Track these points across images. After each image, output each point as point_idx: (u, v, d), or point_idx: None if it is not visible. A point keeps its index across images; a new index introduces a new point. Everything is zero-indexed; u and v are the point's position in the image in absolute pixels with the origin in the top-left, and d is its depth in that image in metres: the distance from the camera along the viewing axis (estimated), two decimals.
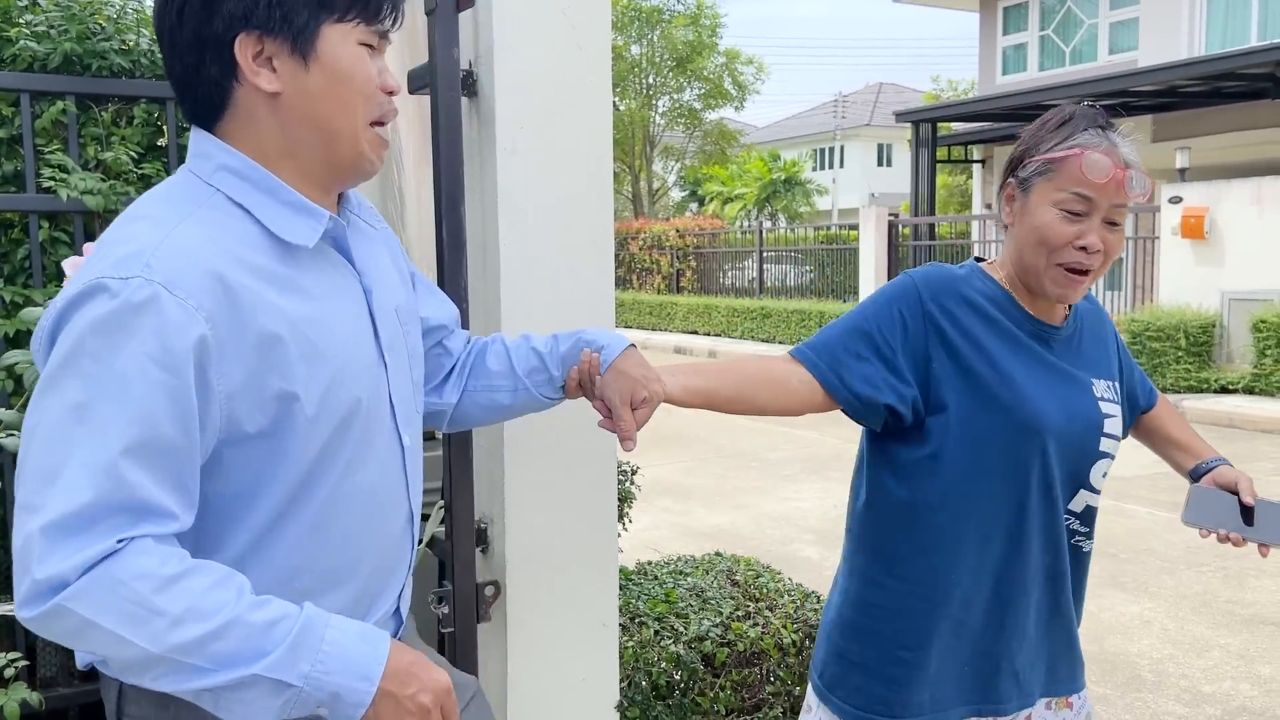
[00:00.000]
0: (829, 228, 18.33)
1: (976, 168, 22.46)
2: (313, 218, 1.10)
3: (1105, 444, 1.56)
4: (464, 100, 1.72)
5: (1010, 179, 1.56)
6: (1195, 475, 1.67)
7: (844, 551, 1.67)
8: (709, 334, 17.07)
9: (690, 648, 1.98)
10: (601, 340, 1.38)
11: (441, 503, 1.82)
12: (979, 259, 1.64)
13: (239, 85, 1.08)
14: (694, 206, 42.74)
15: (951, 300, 1.53)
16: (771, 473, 7.18)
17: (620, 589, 2.24)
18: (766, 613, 2.14)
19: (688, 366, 1.52)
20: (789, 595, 2.30)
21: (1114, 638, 4.04)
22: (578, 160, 1.80)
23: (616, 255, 20.82)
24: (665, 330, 18.28)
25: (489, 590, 1.78)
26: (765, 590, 2.30)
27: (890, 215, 14.77)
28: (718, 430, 8.83)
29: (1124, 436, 1.65)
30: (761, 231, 17.61)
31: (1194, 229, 10.34)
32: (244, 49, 1.07)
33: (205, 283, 1.00)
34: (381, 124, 1.14)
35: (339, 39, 1.10)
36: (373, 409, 1.14)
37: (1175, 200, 10.65)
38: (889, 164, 46.56)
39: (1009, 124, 18.77)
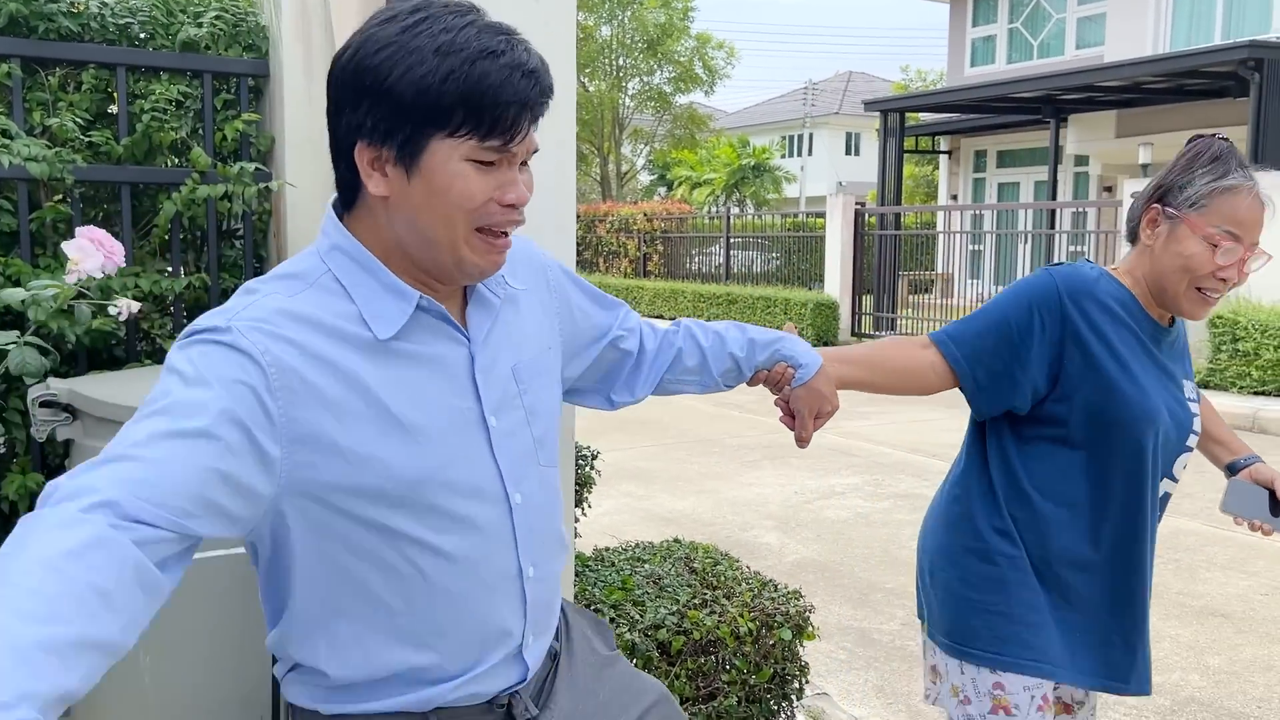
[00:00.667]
0: (796, 215, 18.35)
1: (943, 158, 22.61)
2: (403, 300, 1.16)
3: (1190, 439, 1.76)
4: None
5: (1155, 204, 1.71)
6: (1233, 470, 1.85)
7: (951, 516, 1.78)
8: (675, 318, 17.04)
9: (646, 636, 1.96)
10: (800, 359, 1.55)
11: None
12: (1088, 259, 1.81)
13: (362, 185, 1.16)
14: (662, 191, 42.69)
15: (1087, 300, 1.67)
16: (734, 459, 7.18)
17: (576, 576, 2.22)
18: (723, 601, 2.12)
19: (839, 357, 1.67)
20: (746, 584, 2.28)
21: None
22: (539, 140, 1.76)
23: (583, 238, 20.76)
24: None
25: None
26: (723, 578, 2.28)
27: (857, 204, 14.81)
28: (682, 416, 8.83)
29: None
30: (729, 217, 17.61)
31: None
32: (361, 155, 1.14)
33: (271, 341, 1.10)
34: (493, 233, 1.17)
35: (445, 154, 1.13)
36: (462, 476, 1.18)
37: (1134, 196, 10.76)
38: (857, 153, 46.74)
39: (976, 115, 18.89)
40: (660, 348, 1.53)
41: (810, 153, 46.09)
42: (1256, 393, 9.25)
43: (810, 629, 2.24)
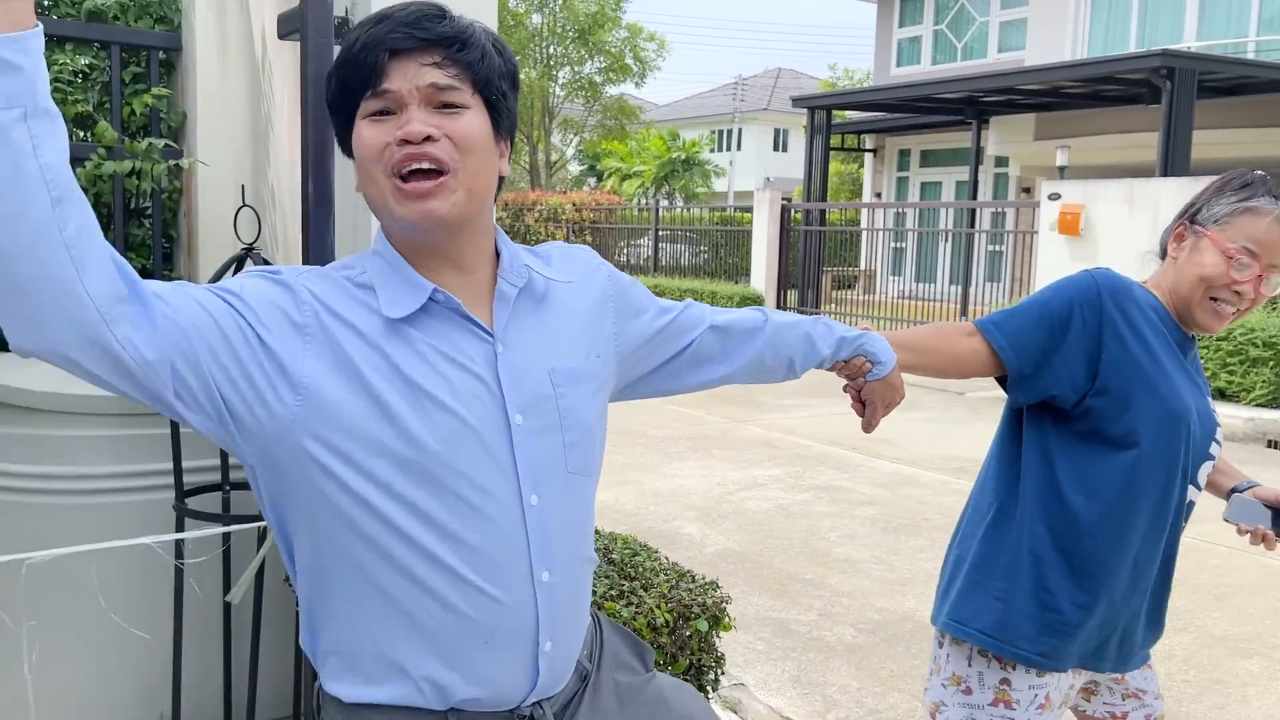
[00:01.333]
0: (725, 209, 18.47)
1: (868, 156, 22.93)
2: (418, 290, 1.19)
3: (1214, 447, 1.83)
4: (336, 49, 1.63)
5: (1184, 221, 1.81)
6: (1236, 490, 1.96)
7: (992, 517, 1.81)
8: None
9: None
10: (880, 356, 1.61)
11: None
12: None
13: None
14: (592, 181, 42.55)
15: (1125, 298, 1.75)
16: (658, 449, 7.20)
17: None
18: (641, 592, 2.11)
19: (898, 342, 1.72)
20: (664, 575, 2.28)
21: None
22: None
23: (512, 226, 20.59)
24: None
25: None
26: (640, 569, 2.27)
27: (783, 200, 14.94)
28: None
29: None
30: (658, 209, 17.64)
31: (1070, 225, 10.74)
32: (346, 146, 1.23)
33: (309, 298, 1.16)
34: (403, 177, 1.16)
35: (357, 123, 1.18)
36: (478, 458, 1.17)
37: (1054, 197, 11.04)
38: (785, 149, 47.15)
39: (902, 115, 19.19)
40: (751, 332, 1.54)
41: (739, 148, 46.37)
42: None
43: (727, 620, 2.25)
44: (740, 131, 46.54)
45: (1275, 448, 8.04)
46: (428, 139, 1.14)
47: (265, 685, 2.09)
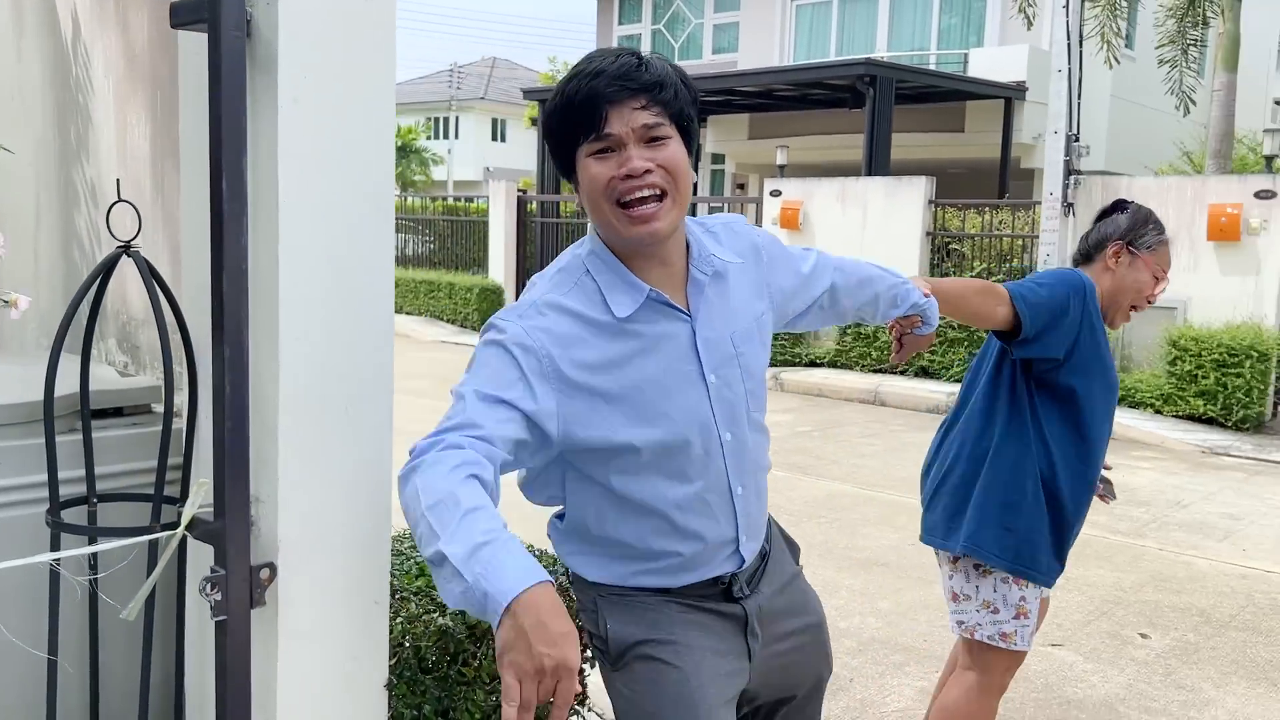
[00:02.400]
0: (445, 199, 18.22)
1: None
2: (635, 291, 1.51)
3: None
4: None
5: (1124, 245, 2.42)
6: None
7: (996, 472, 2.35)
8: None
9: (456, 620, 1.96)
10: (930, 318, 2.04)
11: (203, 481, 1.67)
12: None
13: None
14: None
15: (1093, 297, 2.32)
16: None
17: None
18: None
19: (945, 293, 2.14)
20: (540, 559, 2.32)
21: None
22: (360, 113, 1.71)
23: None
24: None
25: (264, 573, 1.66)
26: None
27: (519, 191, 15.04)
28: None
29: None
30: None
31: (790, 220, 11.57)
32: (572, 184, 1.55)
33: (548, 340, 1.49)
34: (625, 205, 1.46)
35: (581, 159, 1.48)
36: (687, 423, 1.55)
37: (775, 194, 11.84)
38: (503, 139, 47.18)
39: None
40: (856, 294, 1.90)
41: (457, 136, 45.91)
42: (875, 370, 10.54)
43: None
44: (458, 120, 46.06)
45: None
46: (646, 171, 1.44)
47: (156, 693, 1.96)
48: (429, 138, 45.07)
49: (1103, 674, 3.67)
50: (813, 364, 10.96)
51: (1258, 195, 8.68)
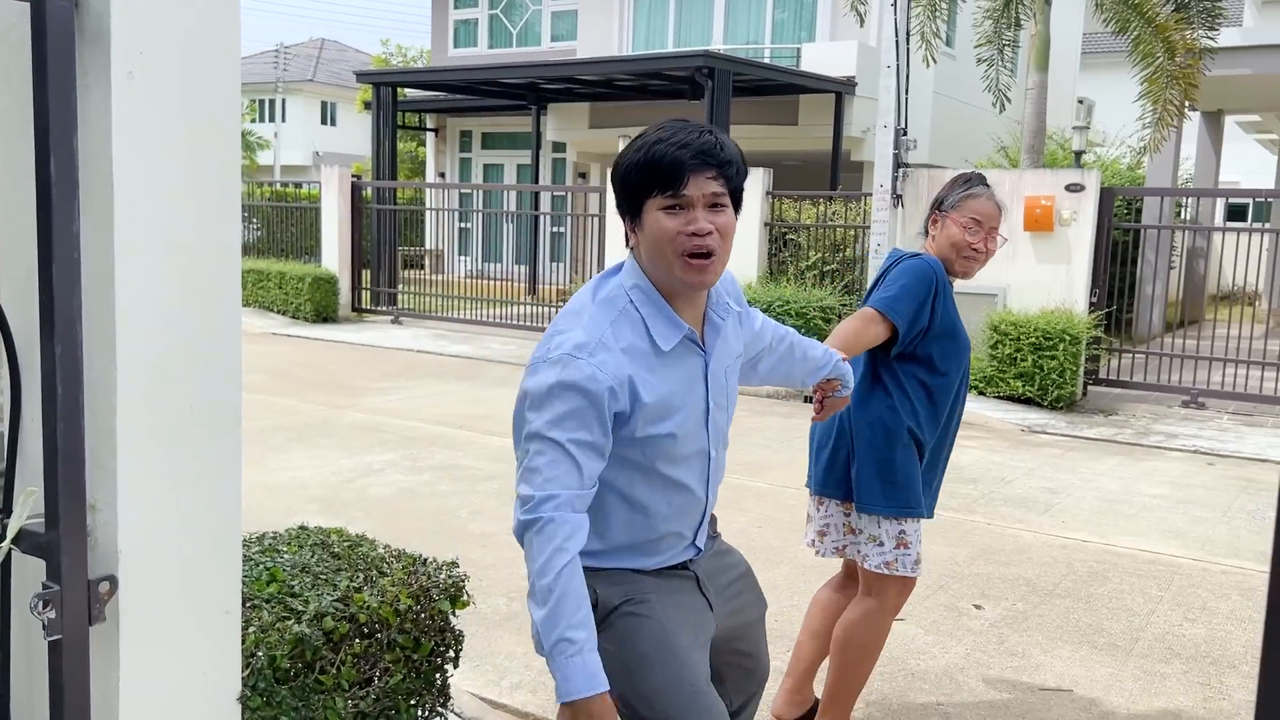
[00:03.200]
0: (275, 184, 17.48)
1: (430, 135, 22.99)
2: (677, 329, 1.85)
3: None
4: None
5: (936, 210, 2.87)
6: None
7: (874, 430, 2.78)
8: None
9: (312, 626, 1.86)
10: (848, 382, 2.40)
11: (31, 490, 1.53)
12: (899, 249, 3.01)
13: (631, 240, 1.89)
14: None
15: (942, 274, 2.79)
16: (258, 443, 6.80)
17: None
18: (381, 580, 2.07)
19: (841, 348, 2.59)
20: (398, 560, 2.25)
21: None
22: (203, 89, 1.59)
23: None
24: None
25: (103, 587, 1.53)
26: (368, 558, 2.22)
27: (354, 178, 14.56)
28: None
29: None
30: None
31: None
32: (625, 220, 1.86)
33: (616, 368, 1.80)
34: (690, 255, 1.79)
35: (652, 210, 1.79)
36: (693, 436, 1.91)
37: None
38: (333, 123, 45.68)
39: (464, 96, 19.47)
40: (792, 354, 2.29)
41: (285, 119, 44.15)
42: None
43: (465, 597, 2.28)
44: (285, 102, 44.29)
45: (810, 402, 9.38)
46: (709, 233, 1.78)
47: None
48: (254, 120, 43.17)
49: (942, 645, 3.85)
50: None
51: (1069, 188, 9.27)
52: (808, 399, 9.34)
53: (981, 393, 9.23)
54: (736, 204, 1.85)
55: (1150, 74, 10.85)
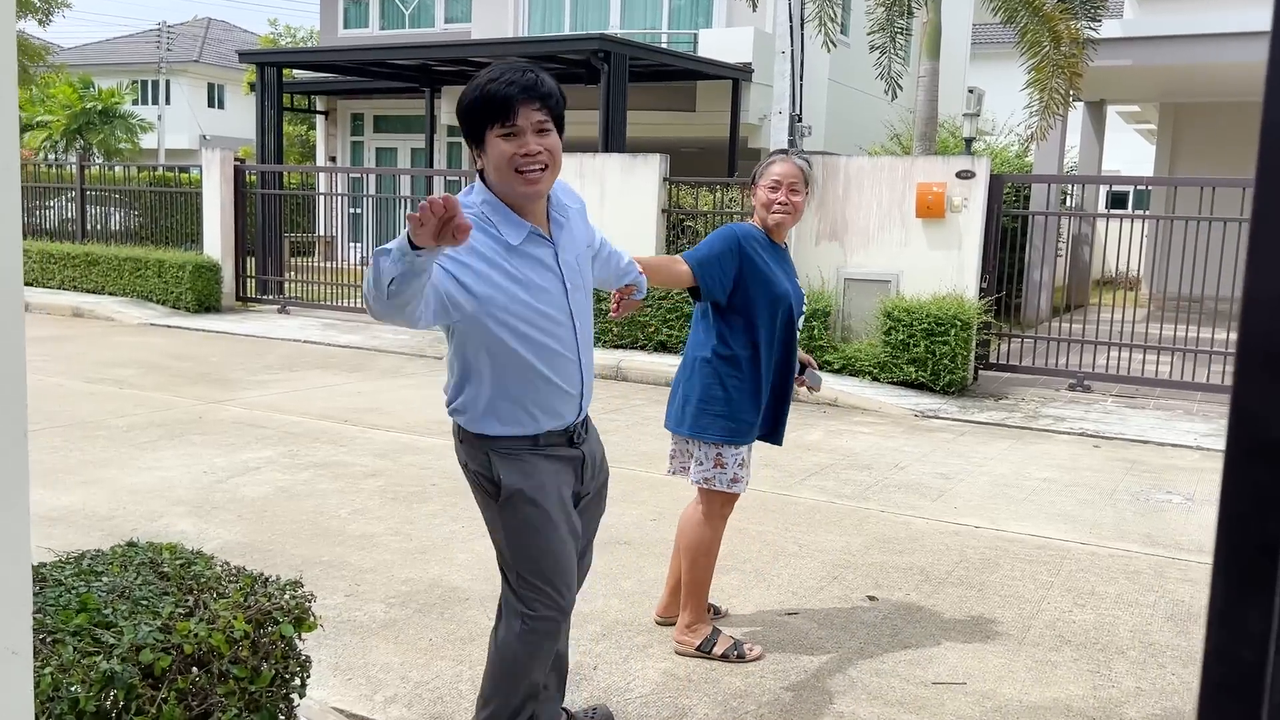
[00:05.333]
0: (157, 168, 16.67)
1: (320, 119, 22.25)
2: (522, 228, 2.35)
3: (803, 307, 3.56)
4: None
5: (751, 185, 3.54)
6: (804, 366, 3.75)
7: (698, 367, 3.45)
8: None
9: (126, 661, 1.63)
10: (642, 286, 3.00)
11: None
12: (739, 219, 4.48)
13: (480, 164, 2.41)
14: None
15: (747, 239, 3.41)
16: (124, 441, 6.39)
17: None
18: (213, 603, 1.84)
19: (646, 265, 3.10)
20: (233, 581, 2.01)
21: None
22: None
23: None
24: None
25: None
26: (203, 579, 1.98)
27: (236, 160, 13.94)
28: (44, 396, 7.62)
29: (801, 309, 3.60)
30: (82, 167, 15.45)
31: None
32: (471, 147, 2.37)
33: (461, 270, 2.31)
34: (524, 173, 2.28)
35: (492, 138, 2.27)
36: (554, 311, 2.40)
37: None
38: (221, 105, 44.07)
39: (354, 78, 18.88)
40: (609, 260, 2.86)
41: (169, 101, 42.40)
42: (616, 346, 10.58)
43: (312, 619, 2.05)
44: (169, 84, 42.55)
45: None
46: (539, 152, 2.26)
47: None
48: (135, 102, 41.29)
49: (836, 640, 3.76)
50: (663, 347, 10.85)
51: (959, 175, 9.35)
52: None
53: (875, 378, 9.28)
54: (560, 128, 2.35)
55: (1037, 63, 11.05)
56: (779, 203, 3.42)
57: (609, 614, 3.93)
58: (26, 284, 14.14)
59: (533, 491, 2.42)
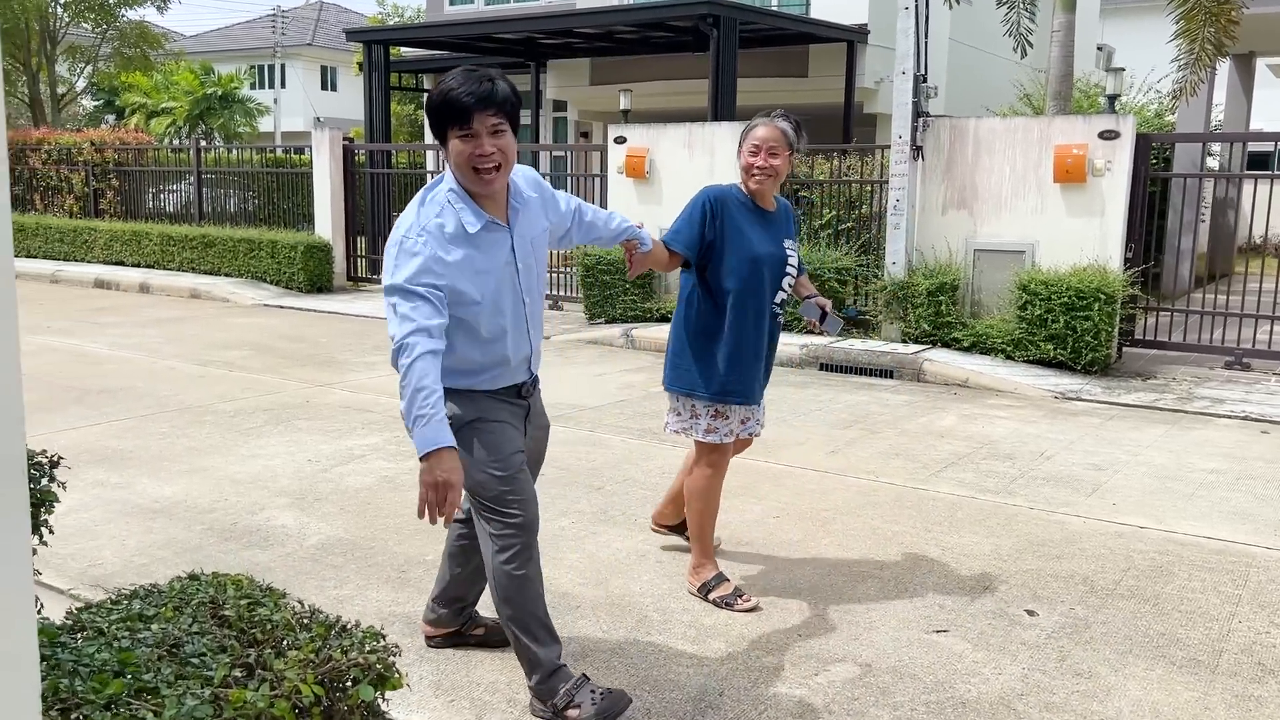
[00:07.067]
0: (274, 150, 16.83)
1: (427, 97, 22.29)
2: (480, 218, 2.71)
3: (788, 268, 3.67)
4: None
5: (737, 149, 3.59)
6: (806, 298, 3.83)
7: (676, 326, 3.69)
8: (139, 265, 14.97)
9: None
10: (643, 239, 3.32)
11: None
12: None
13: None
14: (111, 118, 37.59)
15: (720, 199, 3.55)
16: (230, 427, 6.27)
17: (46, 663, 1.50)
18: (275, 661, 1.53)
19: (655, 247, 3.43)
20: (304, 629, 1.70)
21: (617, 578, 3.97)
22: None
23: (14, 170, 17.40)
24: (82, 260, 15.70)
25: None
26: (268, 626, 1.67)
27: (345, 140, 13.92)
28: (157, 379, 7.60)
29: (799, 269, 3.77)
30: (200, 151, 15.69)
31: (636, 168, 11.00)
32: (439, 142, 2.67)
33: (434, 242, 2.66)
34: (480, 171, 2.64)
35: (452, 138, 2.63)
36: (506, 290, 2.78)
37: (620, 141, 11.24)
38: (334, 88, 44.91)
39: (460, 55, 18.76)
40: (594, 223, 3.21)
41: (284, 85, 43.38)
42: None
43: (395, 676, 1.72)
44: (284, 67, 43.52)
45: (825, 369, 8.80)
46: (492, 153, 2.62)
47: None
48: (252, 86, 42.35)
49: (995, 664, 3.31)
50: (663, 319, 10.48)
51: (1102, 135, 8.60)
52: (824, 366, 8.78)
53: (1009, 357, 8.64)
54: (515, 127, 2.67)
55: (1187, 10, 10.12)
56: (758, 167, 3.50)
57: (732, 629, 3.55)
58: (149, 266, 14.49)
59: (482, 419, 2.80)
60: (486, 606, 3.28)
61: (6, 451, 1.12)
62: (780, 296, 3.66)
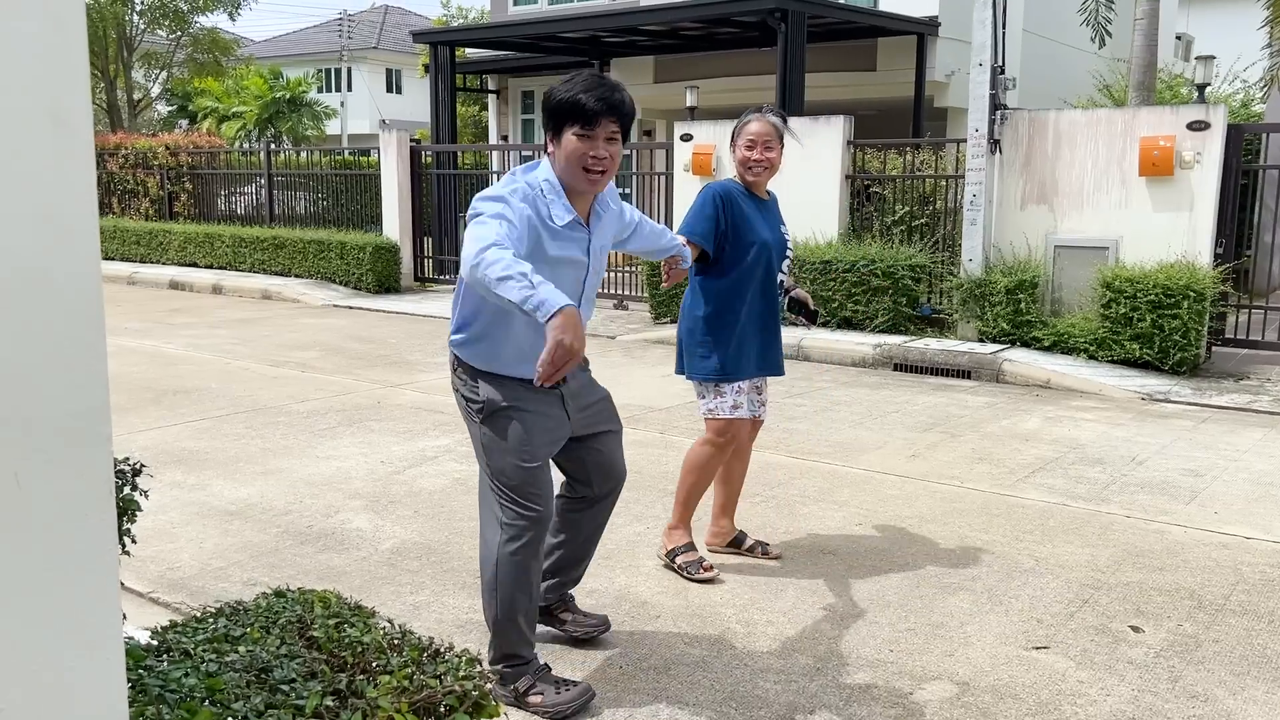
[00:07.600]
0: (341, 153, 17.00)
1: (491, 98, 22.35)
2: (569, 213, 2.80)
3: (787, 252, 3.97)
4: None
5: (731, 144, 3.86)
6: (787, 291, 4.05)
7: (688, 314, 3.90)
8: (212, 266, 15.21)
9: None
10: (686, 258, 3.55)
11: None
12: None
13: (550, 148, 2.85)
14: (184, 123, 38.37)
15: (724, 190, 3.79)
16: (304, 428, 6.28)
17: (135, 689, 1.43)
18: (368, 689, 1.45)
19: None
20: (396, 651, 1.62)
21: (697, 587, 3.85)
22: (38, 49, 0.96)
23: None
24: (157, 262, 16.00)
25: None
26: (358, 648, 1.60)
27: (412, 141, 13.99)
28: (231, 380, 7.66)
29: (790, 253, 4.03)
30: (270, 154, 15.90)
31: (703, 166, 10.86)
32: (548, 133, 2.83)
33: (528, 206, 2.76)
34: (589, 171, 2.77)
35: (569, 134, 2.75)
36: (566, 286, 2.72)
37: (686, 138, 11.11)
38: (399, 91, 45.37)
39: (524, 55, 18.78)
40: (650, 236, 3.37)
41: (350, 88, 43.94)
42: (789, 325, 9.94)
43: (492, 705, 1.63)
44: (349, 71, 44.09)
45: (900, 370, 8.59)
46: (606, 157, 2.77)
47: None
48: (320, 90, 42.98)
49: (1101, 684, 3.13)
50: None
51: (1191, 127, 8.27)
52: (897, 366, 8.57)
53: (1092, 356, 8.36)
54: (626, 135, 2.82)
55: None
56: (754, 160, 3.76)
57: (820, 643, 3.41)
58: (221, 267, 14.74)
59: (517, 407, 2.84)
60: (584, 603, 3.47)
61: (95, 489, 1.05)
62: (780, 277, 3.94)
